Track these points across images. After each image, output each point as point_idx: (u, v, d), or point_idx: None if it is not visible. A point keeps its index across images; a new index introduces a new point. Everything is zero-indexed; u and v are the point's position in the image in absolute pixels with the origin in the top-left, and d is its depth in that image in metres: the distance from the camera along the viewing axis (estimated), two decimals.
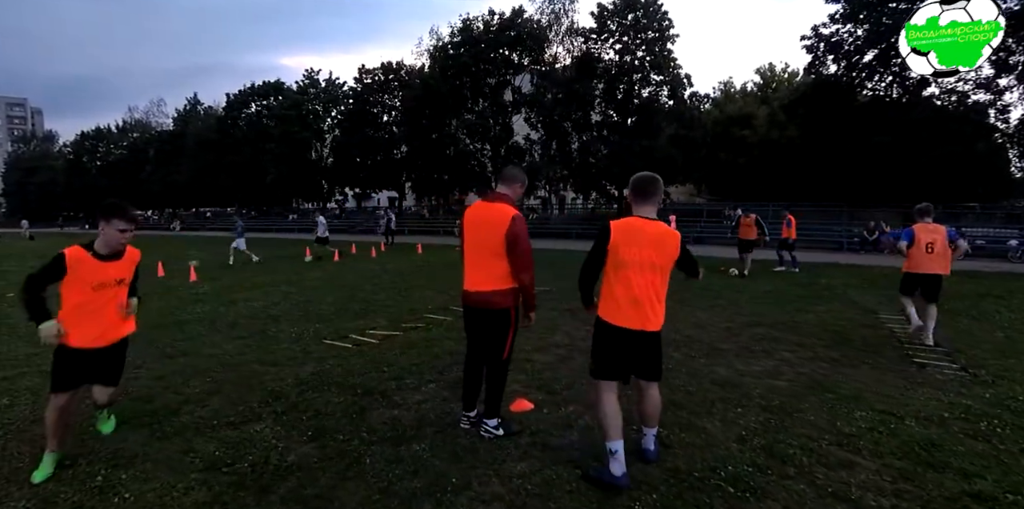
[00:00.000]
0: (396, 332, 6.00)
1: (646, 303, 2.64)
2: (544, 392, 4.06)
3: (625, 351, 2.70)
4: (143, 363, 4.81)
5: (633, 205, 2.78)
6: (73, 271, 2.72)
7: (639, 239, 2.64)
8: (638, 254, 2.62)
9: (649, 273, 2.64)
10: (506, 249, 3.00)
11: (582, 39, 26.83)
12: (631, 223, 2.68)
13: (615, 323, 2.66)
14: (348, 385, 4.15)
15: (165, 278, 11.09)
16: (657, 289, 2.67)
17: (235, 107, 39.75)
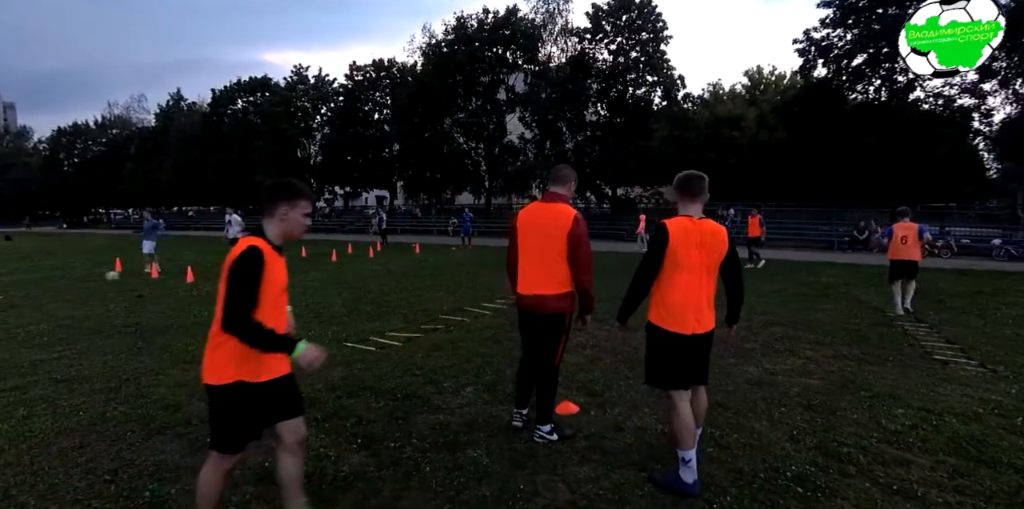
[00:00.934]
0: (416, 334, 5.90)
1: (704, 306, 2.62)
2: (585, 394, 4.01)
3: (687, 356, 2.65)
4: (160, 369, 4.65)
5: (680, 204, 2.72)
6: (268, 272, 2.00)
7: (695, 240, 2.57)
8: (696, 256, 2.58)
9: (704, 275, 2.62)
10: (568, 250, 2.92)
11: (576, 39, 26.85)
12: (685, 223, 2.61)
13: (674, 329, 2.60)
14: (384, 390, 4.05)
15: (161, 279, 10.80)
16: (710, 292, 2.66)
17: (221, 103, 38.88)
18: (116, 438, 3.25)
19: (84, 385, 4.24)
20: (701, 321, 2.61)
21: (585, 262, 2.95)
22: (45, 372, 4.60)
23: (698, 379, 2.74)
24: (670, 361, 2.64)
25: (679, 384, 2.65)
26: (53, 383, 4.30)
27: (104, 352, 5.23)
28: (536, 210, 3.10)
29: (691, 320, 2.58)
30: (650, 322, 2.69)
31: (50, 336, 5.94)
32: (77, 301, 8.26)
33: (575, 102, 26.45)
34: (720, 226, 2.67)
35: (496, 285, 9.57)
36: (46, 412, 3.69)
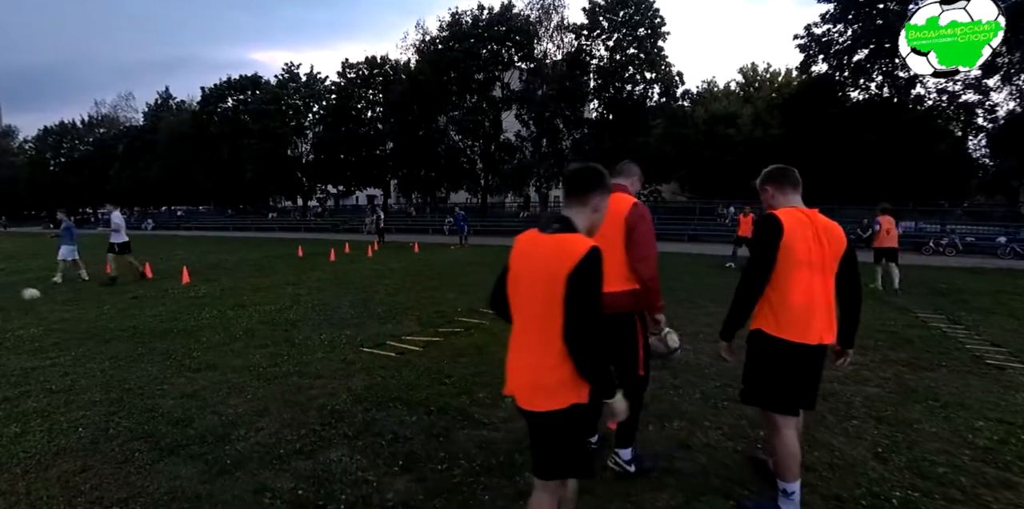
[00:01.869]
0: (435, 338, 5.55)
1: (830, 310, 2.28)
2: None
3: (805, 372, 2.28)
4: (164, 378, 4.26)
5: (779, 197, 2.40)
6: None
7: (811, 232, 2.23)
8: (817, 251, 2.23)
9: (827, 273, 2.26)
10: (624, 237, 2.58)
11: (573, 35, 26.56)
12: (797, 214, 2.28)
13: (794, 339, 2.22)
14: (415, 401, 3.69)
15: (155, 280, 10.34)
16: (831, 293, 2.30)
17: (211, 101, 38.11)
18: (123, 460, 2.87)
19: (82, 396, 3.84)
20: (828, 328, 2.25)
21: (642, 248, 2.55)
22: (38, 382, 4.19)
23: (809, 402, 2.37)
24: (785, 378, 2.27)
25: (789, 408, 2.29)
26: (47, 394, 3.90)
27: (101, 359, 4.83)
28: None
29: (816, 327, 2.22)
30: (760, 331, 2.32)
31: (41, 341, 5.51)
32: (69, 303, 7.80)
33: (572, 99, 26.17)
34: (832, 220, 2.33)
35: None
36: (41, 428, 3.30)
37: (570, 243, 1.62)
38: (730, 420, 3.40)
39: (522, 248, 1.78)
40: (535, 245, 1.72)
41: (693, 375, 4.33)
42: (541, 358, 1.64)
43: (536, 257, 1.68)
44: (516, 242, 1.81)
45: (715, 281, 9.73)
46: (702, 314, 6.78)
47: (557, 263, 1.60)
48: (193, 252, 18.02)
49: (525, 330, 1.72)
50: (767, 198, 2.45)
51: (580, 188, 1.76)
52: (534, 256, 1.70)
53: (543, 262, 1.64)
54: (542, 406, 1.66)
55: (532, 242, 1.75)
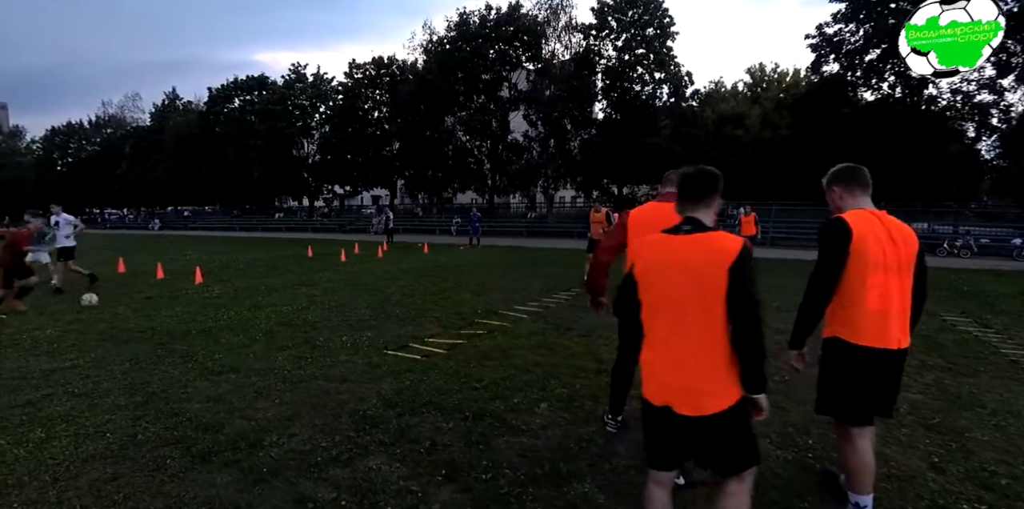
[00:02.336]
0: (458, 340, 5.46)
1: (907, 314, 2.18)
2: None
3: (882, 379, 2.20)
4: (187, 381, 4.17)
5: (847, 198, 2.32)
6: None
7: (883, 233, 2.16)
8: (892, 252, 2.14)
9: (903, 275, 2.17)
10: None
11: (581, 35, 26.44)
12: (866, 215, 2.20)
13: (872, 344, 2.13)
14: (449, 406, 3.60)
15: (167, 279, 10.28)
16: (908, 295, 2.21)
17: (217, 102, 38.15)
18: (154, 467, 2.78)
19: (105, 400, 3.76)
20: (904, 331, 2.17)
21: None
22: (59, 384, 4.11)
23: (887, 410, 2.28)
24: (863, 386, 2.19)
25: (864, 417, 2.21)
26: (70, 397, 3.82)
27: (121, 360, 4.75)
28: (656, 211, 2.84)
29: (894, 331, 2.13)
30: (837, 338, 2.22)
31: (59, 342, 5.44)
32: (81, 303, 7.73)
33: (580, 99, 26.06)
34: (902, 222, 2.25)
35: (521, 286, 9.14)
36: (67, 433, 3.21)
37: (719, 239, 1.65)
38: (777, 428, 3.29)
39: (656, 252, 1.74)
40: (673, 247, 1.71)
41: None
42: (708, 358, 1.64)
43: (682, 258, 1.67)
44: (642, 248, 1.79)
45: None
46: None
47: (712, 259, 1.61)
48: (203, 252, 17.99)
49: (679, 333, 1.68)
50: (834, 199, 2.36)
51: (701, 191, 1.78)
52: (679, 258, 1.68)
53: (694, 261, 1.64)
54: (714, 407, 1.64)
55: (667, 245, 1.73)
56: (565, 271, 11.85)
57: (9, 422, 3.38)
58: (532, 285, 9.34)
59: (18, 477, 2.68)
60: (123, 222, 50.09)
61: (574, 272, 11.51)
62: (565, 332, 5.87)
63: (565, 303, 7.64)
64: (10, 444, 3.07)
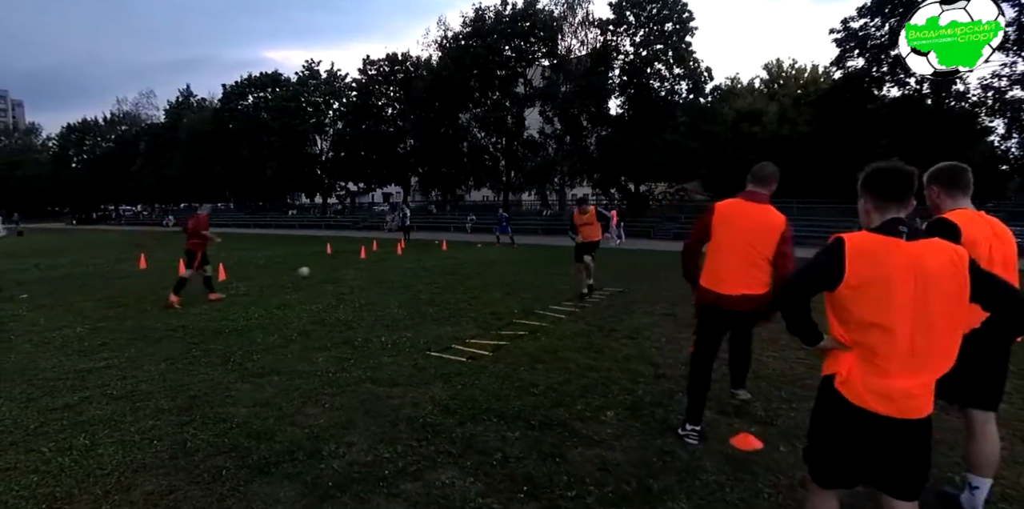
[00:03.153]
0: (501, 341, 5.24)
1: None
2: (748, 421, 3.33)
3: (1003, 367, 2.28)
4: (229, 383, 3.99)
5: (946, 199, 2.30)
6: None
7: (990, 231, 2.19)
8: (999, 249, 2.17)
9: (1007, 272, 2.11)
10: (776, 252, 2.90)
11: (599, 31, 26.06)
12: (970, 215, 2.20)
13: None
14: (510, 414, 3.37)
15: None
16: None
17: (231, 99, 38.22)
18: (211, 479, 2.58)
19: (147, 403, 3.58)
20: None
21: (791, 265, 2.87)
22: (96, 386, 3.95)
23: (999, 397, 2.32)
24: (988, 374, 2.25)
25: (992, 403, 2.30)
26: (110, 400, 3.64)
27: (157, 360, 4.58)
28: (744, 208, 2.93)
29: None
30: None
31: (90, 340, 5.30)
32: (108, 300, 7.63)
33: (597, 95, 25.70)
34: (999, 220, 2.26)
35: (550, 285, 8.91)
36: (111, 440, 3.03)
37: (944, 244, 1.60)
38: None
39: (901, 262, 1.56)
40: (912, 254, 1.55)
41: (799, 388, 3.95)
42: (942, 358, 1.60)
43: (928, 266, 1.54)
44: (874, 256, 1.57)
45: None
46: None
47: (954, 265, 1.55)
48: (220, 249, 17.87)
49: (924, 337, 1.56)
50: (932, 198, 2.35)
51: (904, 190, 1.64)
52: (925, 266, 1.55)
53: (942, 270, 1.54)
54: (926, 409, 1.60)
55: (905, 252, 1.56)
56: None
57: (50, 427, 3.21)
58: (560, 284, 9.10)
59: (67, 489, 2.50)
60: (137, 218, 50.46)
61: (601, 272, 11.25)
62: (610, 333, 5.63)
63: (601, 303, 7.39)
64: (54, 452, 2.89)
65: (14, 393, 3.79)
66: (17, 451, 2.90)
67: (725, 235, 2.89)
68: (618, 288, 8.64)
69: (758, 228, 2.88)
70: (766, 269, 2.90)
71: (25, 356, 4.75)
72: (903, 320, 1.54)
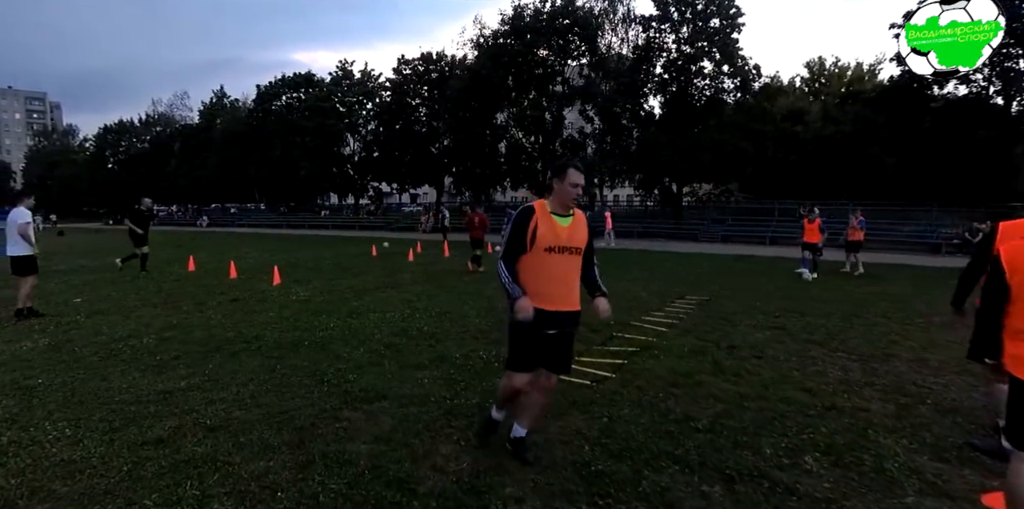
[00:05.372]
0: (615, 360, 4.62)
1: None
2: (981, 471, 2.66)
3: None
4: (332, 409, 3.45)
5: None
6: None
7: None
8: None
9: None
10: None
11: (641, 28, 25.26)
12: None
13: None
14: (691, 460, 2.75)
15: (243, 279, 9.78)
16: None
17: (265, 99, 38.45)
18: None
19: (250, 437, 3.04)
20: None
21: None
22: (184, 412, 3.44)
23: None
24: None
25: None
26: (206, 432, 3.12)
27: (241, 379, 4.08)
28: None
29: None
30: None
31: (162, 353, 4.84)
32: (167, 306, 7.23)
33: (640, 94, 24.89)
34: None
35: (628, 292, 8.24)
36: (225, 490, 2.49)
37: None
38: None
39: None
40: None
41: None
42: None
43: None
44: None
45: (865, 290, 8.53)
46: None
47: None
48: (261, 250, 17.70)
49: None
50: None
51: None
52: None
53: None
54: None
55: None
56: (653, 274, 10.94)
57: (146, 469, 2.68)
58: (636, 290, 8.45)
59: None
60: (171, 218, 51.29)
61: (665, 276, 10.58)
62: (731, 351, 4.99)
63: (695, 313, 6.73)
64: (158, 504, 2.36)
65: (94, 422, 3.28)
66: (116, 503, 2.39)
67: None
68: (703, 296, 7.96)
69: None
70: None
71: (95, 373, 4.28)
72: None
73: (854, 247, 11.57)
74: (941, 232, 19.27)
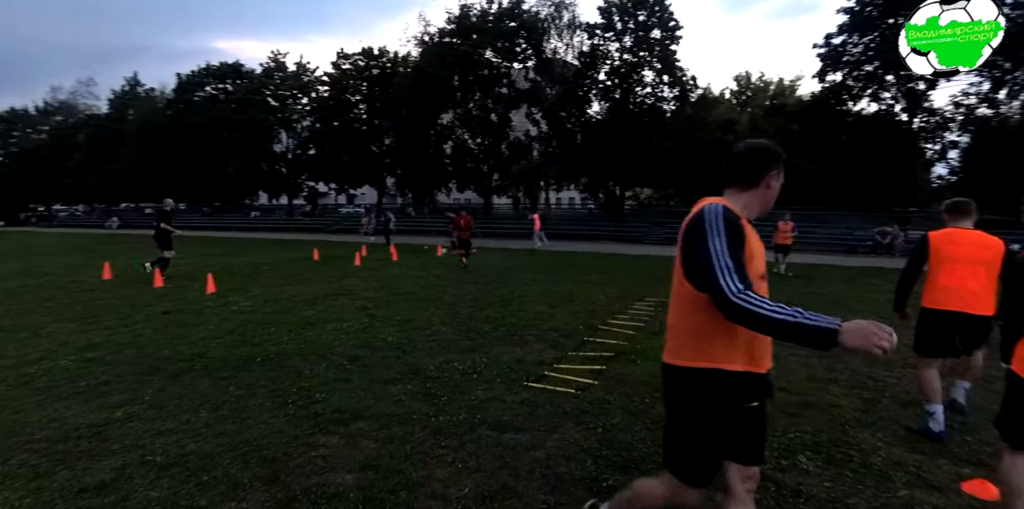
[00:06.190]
0: (594, 365, 4.57)
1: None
2: (955, 461, 2.83)
3: None
4: (303, 436, 3.12)
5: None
6: None
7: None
8: None
9: None
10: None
11: (586, 35, 25.82)
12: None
13: None
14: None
15: (170, 288, 8.89)
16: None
17: (187, 89, 35.53)
18: None
19: (214, 474, 2.67)
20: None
21: None
22: (126, 448, 2.97)
23: None
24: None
25: None
26: (158, 471, 2.70)
27: (190, 405, 3.61)
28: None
29: None
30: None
31: (86, 378, 4.21)
32: (85, 321, 6.38)
33: (585, 99, 25.39)
34: None
35: (586, 294, 8.27)
36: None
37: None
38: None
39: None
40: None
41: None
42: None
43: None
44: None
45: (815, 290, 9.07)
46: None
47: None
48: (186, 255, 16.26)
49: None
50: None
51: None
52: None
53: None
54: None
55: None
56: (608, 277, 11.09)
57: None
58: (596, 294, 8.50)
59: None
60: (74, 219, 46.21)
61: (621, 278, 10.76)
62: None
63: (657, 314, 6.85)
64: None
65: (11, 467, 2.74)
66: None
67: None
68: (661, 298, 8.12)
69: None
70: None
71: (5, 406, 3.61)
72: None
73: (783, 249, 12.26)
74: (856, 235, 21.04)
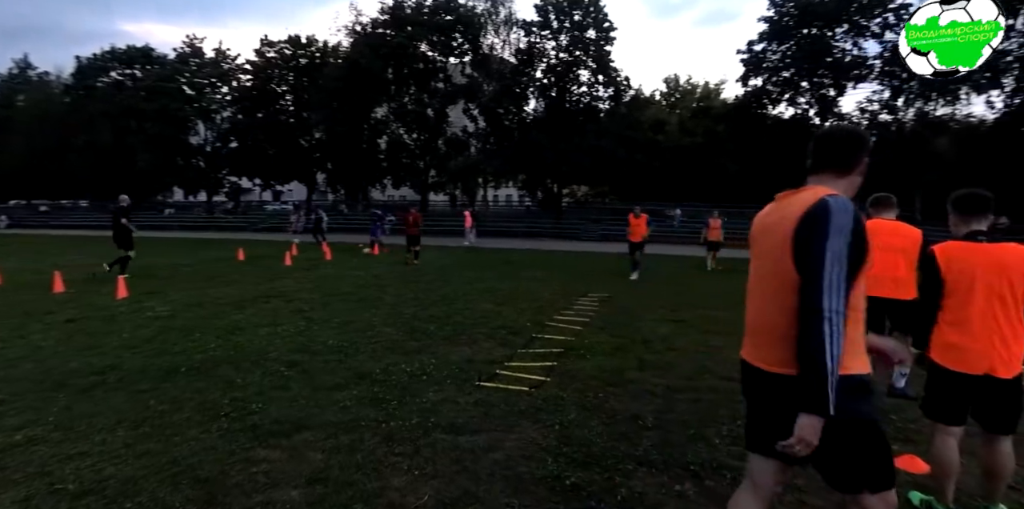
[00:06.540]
0: (545, 362, 4.57)
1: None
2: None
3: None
4: (239, 451, 2.88)
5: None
6: None
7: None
8: None
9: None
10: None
11: (523, 32, 25.94)
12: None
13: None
14: (655, 460, 2.77)
15: (74, 293, 7.99)
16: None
17: (89, 74, 32.05)
18: None
19: (139, 500, 2.39)
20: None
21: None
22: (30, 476, 2.60)
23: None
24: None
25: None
26: (72, 501, 2.38)
27: (105, 424, 3.23)
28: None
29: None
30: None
31: None
32: None
33: (521, 96, 25.54)
34: None
35: (531, 291, 8.31)
36: None
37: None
38: None
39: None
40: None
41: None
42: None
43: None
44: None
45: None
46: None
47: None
48: (90, 256, 14.69)
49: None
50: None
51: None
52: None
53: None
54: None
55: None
56: (550, 273, 11.22)
57: None
58: (539, 290, 8.56)
59: None
60: None
61: (562, 275, 10.92)
62: (648, 345, 5.23)
63: (601, 310, 7.01)
64: None
65: None
66: None
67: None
68: (603, 293, 8.31)
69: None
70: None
71: None
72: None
73: (715, 246, 12.84)
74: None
